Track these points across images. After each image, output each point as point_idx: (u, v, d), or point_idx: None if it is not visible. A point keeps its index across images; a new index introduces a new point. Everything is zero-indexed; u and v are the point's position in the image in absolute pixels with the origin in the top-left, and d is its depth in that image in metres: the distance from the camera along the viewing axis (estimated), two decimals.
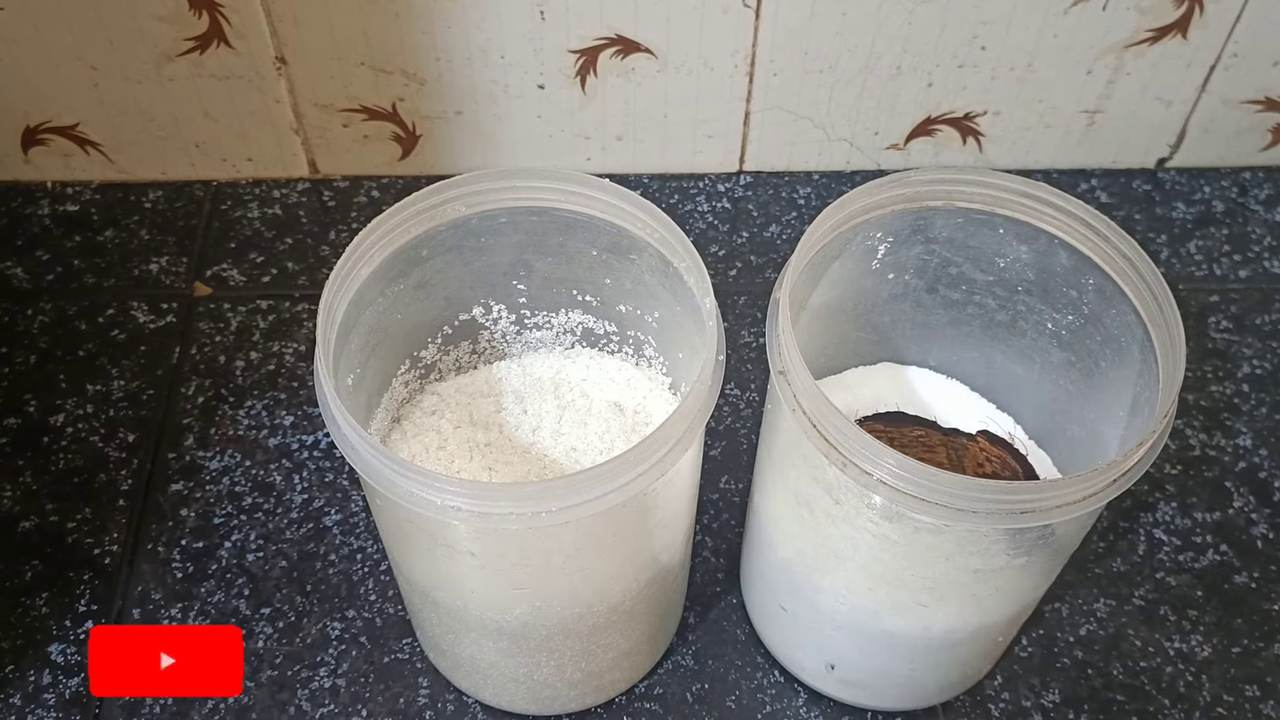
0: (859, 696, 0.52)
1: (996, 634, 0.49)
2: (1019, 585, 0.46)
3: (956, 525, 0.40)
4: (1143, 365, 0.43)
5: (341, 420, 0.38)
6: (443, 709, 0.52)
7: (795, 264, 0.43)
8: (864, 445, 0.39)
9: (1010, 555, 0.42)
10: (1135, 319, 0.43)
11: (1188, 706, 0.53)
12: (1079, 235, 0.45)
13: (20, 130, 0.66)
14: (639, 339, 0.50)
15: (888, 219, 0.46)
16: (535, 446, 0.49)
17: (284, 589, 0.55)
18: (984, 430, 0.49)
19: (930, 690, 0.52)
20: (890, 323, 0.52)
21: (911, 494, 0.39)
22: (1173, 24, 0.63)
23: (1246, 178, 0.72)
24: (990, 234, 0.47)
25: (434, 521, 0.40)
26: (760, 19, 0.62)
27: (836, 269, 0.48)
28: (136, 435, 0.59)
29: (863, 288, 0.50)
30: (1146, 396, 0.43)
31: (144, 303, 0.64)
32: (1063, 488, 0.39)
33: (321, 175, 0.70)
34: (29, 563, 0.55)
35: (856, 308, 0.51)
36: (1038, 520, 0.39)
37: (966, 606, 0.45)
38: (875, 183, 0.45)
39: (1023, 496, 0.39)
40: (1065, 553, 0.46)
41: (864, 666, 0.50)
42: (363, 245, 0.42)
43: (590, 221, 0.45)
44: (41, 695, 0.52)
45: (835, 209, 0.44)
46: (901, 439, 0.50)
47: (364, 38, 0.62)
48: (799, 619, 0.50)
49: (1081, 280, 0.45)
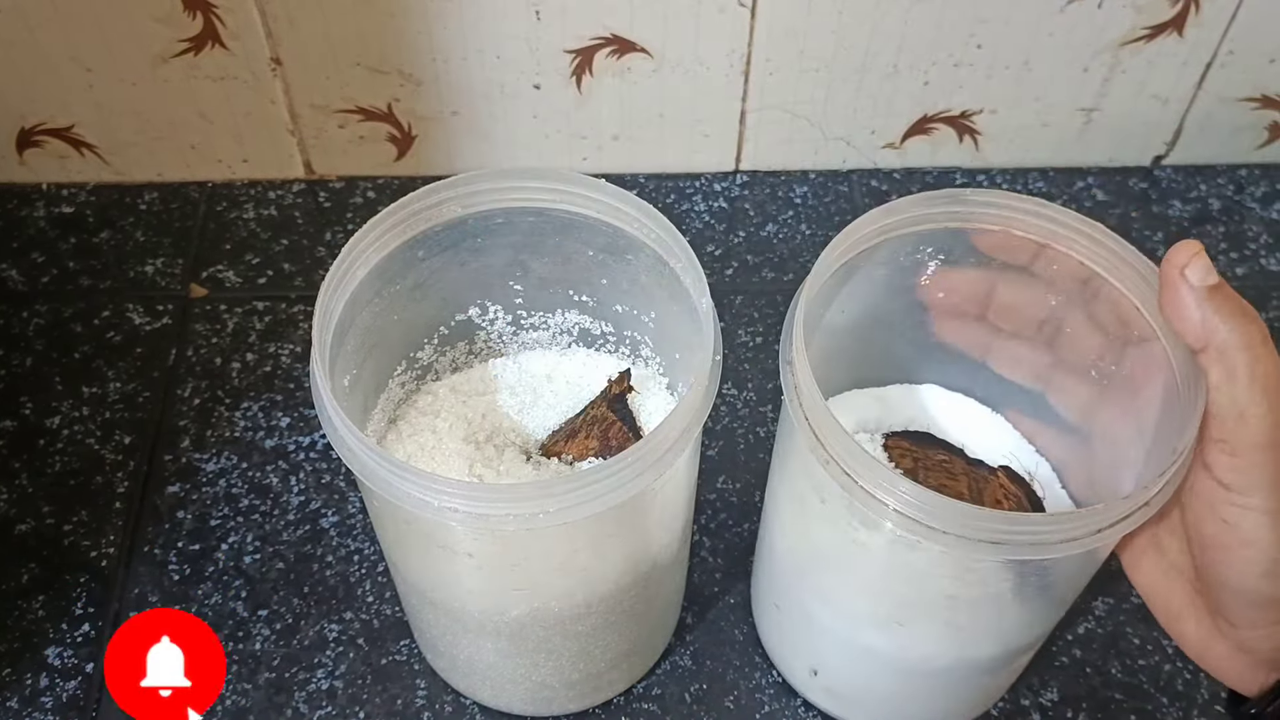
0: (839, 708, 0.52)
1: (982, 673, 0.48)
2: (1000, 622, 0.44)
3: (925, 541, 0.38)
4: (1164, 404, 0.42)
5: (338, 422, 0.38)
6: (440, 710, 0.52)
7: (819, 271, 0.42)
8: (828, 426, 0.39)
9: (985, 585, 0.42)
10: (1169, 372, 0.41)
11: (1185, 704, 0.53)
12: (1125, 278, 0.42)
13: (15, 132, 0.66)
14: (635, 339, 0.50)
15: (940, 235, 0.45)
16: (530, 445, 0.49)
17: (281, 591, 0.55)
18: (1005, 466, 0.48)
19: (918, 716, 0.51)
20: (937, 344, 0.50)
21: (871, 493, 0.38)
22: (1169, 21, 0.63)
23: (1243, 175, 0.72)
24: (1042, 265, 0.45)
25: (432, 523, 0.40)
26: (756, 18, 0.62)
27: (880, 279, 0.46)
28: (133, 437, 0.59)
29: (911, 302, 0.48)
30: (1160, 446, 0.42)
31: (140, 304, 0.64)
32: (1035, 523, 0.38)
33: (317, 176, 0.70)
34: (25, 565, 0.55)
35: (904, 323, 0.49)
36: (1003, 554, 0.38)
37: (943, 633, 0.45)
38: (928, 195, 0.43)
39: (989, 525, 0.37)
40: (1054, 597, 0.45)
41: (845, 678, 0.50)
42: (358, 246, 0.42)
43: (586, 222, 0.45)
44: (39, 699, 0.51)
45: (883, 213, 0.43)
46: (926, 461, 0.49)
47: (359, 38, 0.62)
48: (789, 618, 0.50)
49: (1127, 330, 0.43)
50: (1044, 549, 0.37)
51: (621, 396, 0.48)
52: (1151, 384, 0.42)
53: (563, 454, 0.48)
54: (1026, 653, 0.49)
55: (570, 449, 0.48)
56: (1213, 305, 0.37)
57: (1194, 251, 0.37)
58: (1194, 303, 0.37)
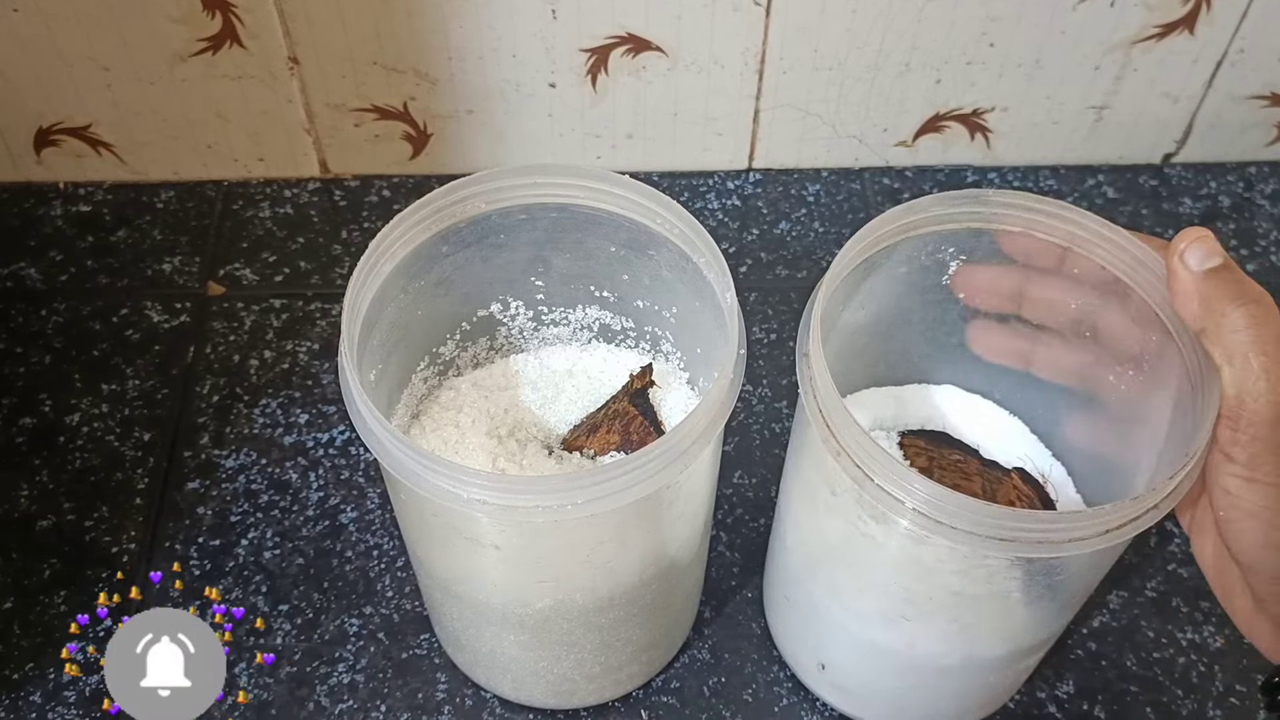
0: (847, 704, 0.52)
1: (989, 672, 0.48)
2: (1007, 621, 0.44)
3: (933, 536, 0.39)
4: (1177, 407, 0.42)
5: (368, 415, 0.39)
6: (461, 704, 0.52)
7: (839, 265, 0.42)
8: (841, 418, 0.39)
9: (991, 583, 0.42)
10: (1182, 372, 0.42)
11: (1200, 696, 0.53)
12: (1143, 281, 0.43)
13: (33, 131, 0.66)
14: (656, 334, 0.50)
15: (962, 235, 0.45)
16: (552, 440, 0.49)
17: (301, 586, 0.55)
18: (1019, 469, 0.48)
19: (923, 715, 0.51)
20: (957, 344, 0.50)
21: (881, 486, 0.38)
22: (1180, 20, 0.63)
23: (1252, 172, 0.72)
24: (1069, 267, 0.45)
25: (459, 515, 0.40)
26: (770, 16, 0.62)
27: (900, 277, 0.47)
28: (152, 434, 0.60)
29: (931, 301, 0.48)
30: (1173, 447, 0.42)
31: (158, 302, 0.65)
32: (1043, 521, 0.38)
33: (333, 175, 0.70)
34: (47, 561, 0.55)
35: (924, 322, 0.49)
36: (1010, 551, 0.38)
37: (949, 630, 0.45)
38: (950, 195, 0.43)
39: (998, 521, 0.37)
40: (1062, 599, 0.45)
41: (852, 673, 0.50)
42: (385, 241, 0.42)
43: (609, 217, 0.45)
44: (62, 693, 0.52)
45: (904, 211, 0.43)
46: (941, 460, 0.49)
47: (376, 37, 0.62)
48: (799, 612, 0.50)
49: (1145, 334, 0.43)
50: (1051, 547, 0.38)
51: (643, 391, 0.49)
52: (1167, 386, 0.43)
53: (584, 448, 0.48)
54: (1034, 654, 0.49)
55: (592, 444, 0.48)
56: (1211, 287, 0.38)
57: (1195, 237, 0.38)
58: (1194, 287, 0.38)
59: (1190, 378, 0.40)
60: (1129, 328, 0.44)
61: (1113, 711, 0.53)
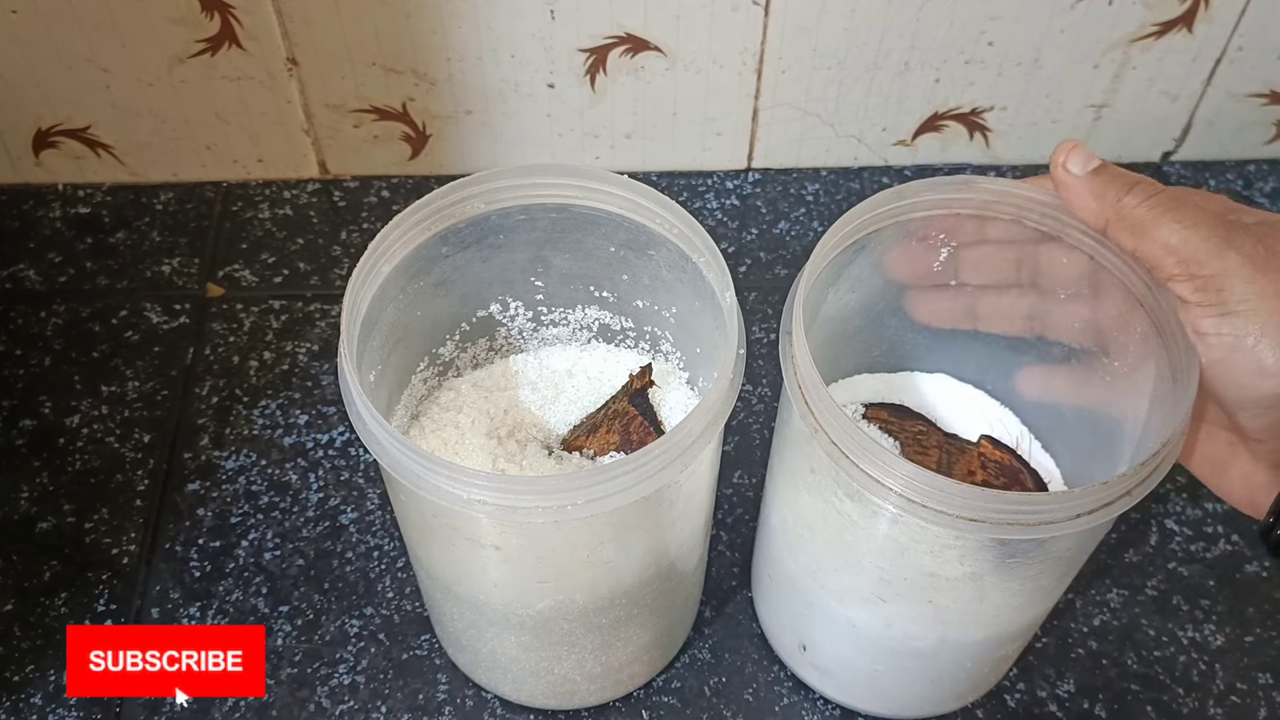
0: (827, 685, 0.52)
1: (966, 658, 0.48)
2: (981, 604, 0.44)
3: (905, 515, 0.39)
4: (1157, 382, 0.43)
5: (367, 416, 0.39)
6: (462, 704, 0.52)
7: (824, 246, 0.43)
8: (818, 395, 0.39)
9: (963, 564, 0.42)
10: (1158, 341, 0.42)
11: (1201, 695, 0.53)
12: (1110, 261, 0.43)
13: (32, 133, 0.66)
14: (656, 334, 0.50)
15: (949, 222, 0.46)
16: (552, 440, 0.49)
17: (302, 587, 0.55)
18: (988, 435, 0.49)
19: (900, 699, 0.52)
20: (949, 333, 0.50)
21: (856, 464, 0.39)
22: (1178, 18, 0.64)
23: (1251, 171, 0.72)
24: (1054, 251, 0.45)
25: (459, 515, 0.40)
26: (769, 16, 0.62)
27: (882, 266, 0.47)
28: (152, 435, 0.60)
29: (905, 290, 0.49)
30: (1156, 424, 0.42)
31: (157, 304, 0.65)
32: (1011, 503, 0.38)
33: (331, 175, 0.70)
34: (47, 563, 0.55)
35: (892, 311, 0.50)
36: (980, 532, 0.38)
37: (925, 612, 0.45)
38: (936, 181, 0.44)
39: (949, 493, 0.38)
40: (1038, 584, 0.45)
41: (831, 654, 0.50)
42: (385, 242, 0.42)
43: (608, 217, 0.45)
44: (62, 694, 0.52)
45: (894, 194, 0.44)
46: (901, 431, 0.50)
47: (375, 38, 0.62)
48: (780, 591, 0.51)
49: (1129, 325, 0.44)
50: (1022, 529, 0.38)
51: (643, 391, 0.49)
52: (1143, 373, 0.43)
53: (584, 448, 0.48)
54: (1011, 643, 0.49)
55: (591, 444, 0.48)
56: (1099, 183, 0.40)
57: (1071, 146, 0.41)
58: (1084, 188, 0.40)
59: (1169, 364, 0.41)
60: (1064, 268, 0.45)
61: (1113, 710, 0.53)
